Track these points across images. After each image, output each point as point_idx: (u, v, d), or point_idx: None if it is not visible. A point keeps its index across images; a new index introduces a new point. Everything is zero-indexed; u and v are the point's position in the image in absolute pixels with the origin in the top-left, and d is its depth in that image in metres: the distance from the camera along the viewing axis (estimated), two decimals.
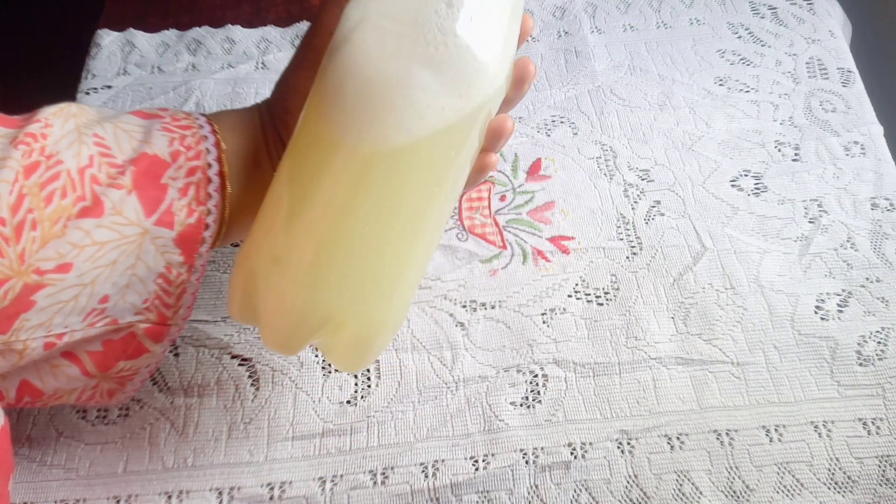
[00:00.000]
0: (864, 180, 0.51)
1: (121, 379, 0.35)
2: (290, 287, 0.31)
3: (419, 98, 0.28)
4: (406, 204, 0.31)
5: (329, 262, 0.30)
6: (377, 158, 0.29)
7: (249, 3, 0.65)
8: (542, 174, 0.52)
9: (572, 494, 0.39)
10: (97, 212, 0.29)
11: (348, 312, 0.31)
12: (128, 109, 0.55)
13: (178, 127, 0.33)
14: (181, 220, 0.31)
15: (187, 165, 0.32)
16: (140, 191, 0.30)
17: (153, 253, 0.31)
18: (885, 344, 0.44)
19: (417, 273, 0.34)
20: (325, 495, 0.40)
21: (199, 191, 0.32)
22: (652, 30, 0.61)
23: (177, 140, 0.32)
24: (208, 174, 0.32)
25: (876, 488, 0.39)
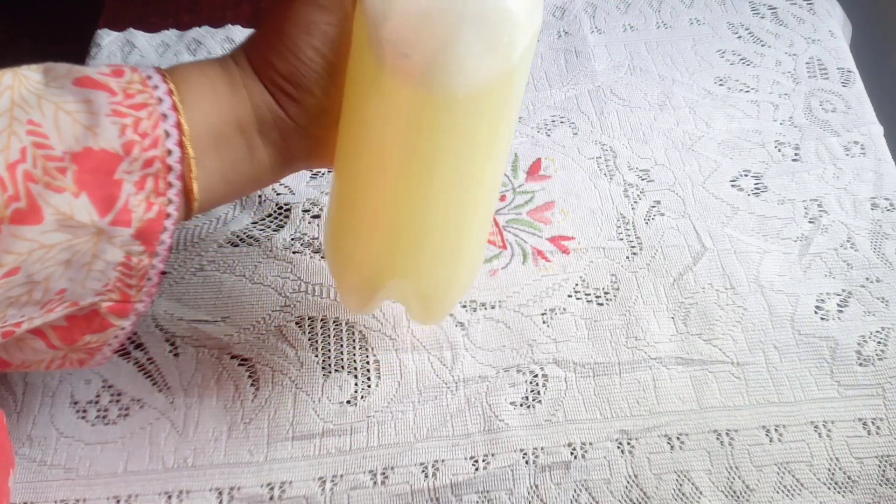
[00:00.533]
0: (864, 180, 0.51)
1: (89, 350, 0.33)
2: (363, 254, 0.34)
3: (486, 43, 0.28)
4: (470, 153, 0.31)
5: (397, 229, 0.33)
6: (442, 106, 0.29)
7: (249, 3, 0.65)
8: (542, 174, 0.52)
9: (572, 494, 0.39)
10: (35, 218, 0.26)
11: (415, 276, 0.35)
12: None
13: (132, 107, 0.28)
14: (139, 216, 0.28)
15: (143, 157, 0.28)
16: (90, 190, 0.27)
17: (111, 249, 0.28)
18: (885, 344, 0.44)
19: (483, 230, 0.36)
20: (325, 495, 0.40)
21: (157, 182, 0.28)
22: (652, 30, 0.61)
23: (129, 128, 0.28)
24: (167, 162, 0.28)
25: (876, 488, 0.39)
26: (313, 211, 0.50)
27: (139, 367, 0.44)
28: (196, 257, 0.48)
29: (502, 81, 0.30)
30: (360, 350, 0.44)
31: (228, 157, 0.31)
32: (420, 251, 0.34)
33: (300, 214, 0.50)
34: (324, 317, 0.46)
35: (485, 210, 0.35)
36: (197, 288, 0.47)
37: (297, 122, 0.32)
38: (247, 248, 0.48)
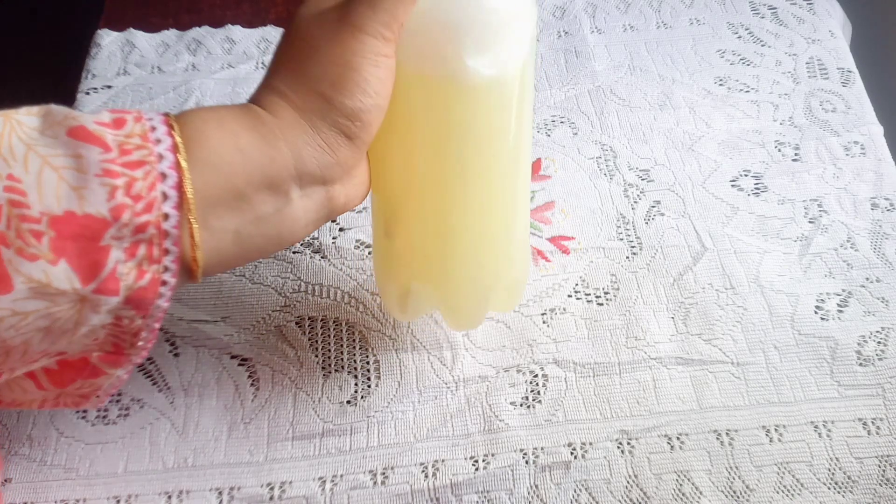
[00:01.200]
0: (864, 180, 0.51)
1: (82, 395, 0.31)
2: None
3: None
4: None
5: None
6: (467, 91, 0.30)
7: (249, 3, 0.65)
8: (542, 174, 0.52)
9: (572, 494, 0.39)
10: (5, 287, 0.23)
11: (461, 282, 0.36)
12: (128, 108, 0.55)
13: (126, 165, 0.25)
14: (129, 285, 0.25)
15: (135, 222, 0.25)
16: (70, 257, 0.24)
17: (96, 317, 0.26)
18: (885, 344, 0.44)
19: (525, 222, 0.37)
20: (325, 495, 0.40)
21: (150, 249, 0.25)
22: (652, 30, 0.61)
23: (120, 190, 0.24)
24: (163, 227, 0.25)
25: (876, 488, 0.39)
26: None
27: (139, 367, 0.44)
28: None
29: (521, 70, 0.31)
30: (360, 350, 0.44)
31: (248, 217, 0.28)
32: (443, 255, 0.34)
33: None
34: (324, 317, 0.46)
35: (509, 215, 0.35)
36: (197, 288, 0.47)
37: (345, 166, 0.29)
38: None
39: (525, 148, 0.34)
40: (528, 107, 0.33)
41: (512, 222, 0.36)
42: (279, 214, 0.29)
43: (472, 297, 0.37)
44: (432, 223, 0.34)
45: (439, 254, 0.35)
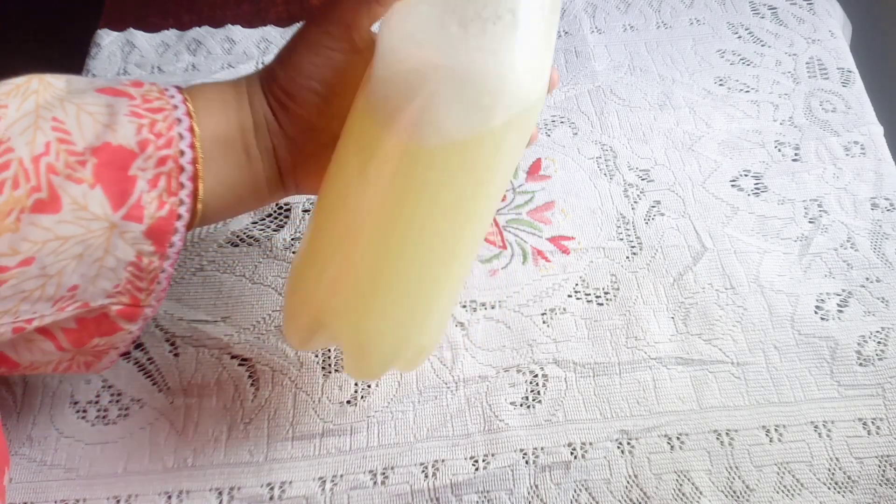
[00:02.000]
0: (864, 180, 0.51)
1: (97, 353, 0.34)
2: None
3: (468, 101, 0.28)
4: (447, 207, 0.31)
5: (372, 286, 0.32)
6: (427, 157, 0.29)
7: (249, 3, 0.65)
8: (542, 174, 0.52)
9: (572, 494, 0.39)
10: (54, 207, 0.27)
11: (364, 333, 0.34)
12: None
13: (149, 110, 0.30)
14: (151, 213, 0.29)
15: (157, 155, 0.29)
16: (105, 184, 0.28)
17: (122, 246, 0.29)
18: (885, 344, 0.44)
19: (453, 294, 0.36)
20: (325, 495, 0.40)
21: (170, 181, 0.30)
22: (652, 30, 0.61)
23: (146, 127, 0.29)
24: (180, 162, 0.30)
25: (876, 488, 0.39)
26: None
27: (139, 367, 0.44)
28: (196, 257, 0.48)
29: (480, 144, 0.29)
30: None
31: (230, 161, 0.32)
32: (366, 303, 0.32)
33: (300, 214, 0.50)
34: None
35: (441, 283, 0.34)
36: (197, 288, 0.47)
37: (286, 132, 0.34)
38: (247, 248, 0.48)
39: (478, 218, 0.33)
40: (486, 188, 0.31)
41: (441, 291, 0.34)
42: (249, 165, 0.33)
43: (380, 352, 0.34)
44: (365, 268, 0.32)
45: (363, 301, 0.32)
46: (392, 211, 0.30)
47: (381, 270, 0.32)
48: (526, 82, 0.29)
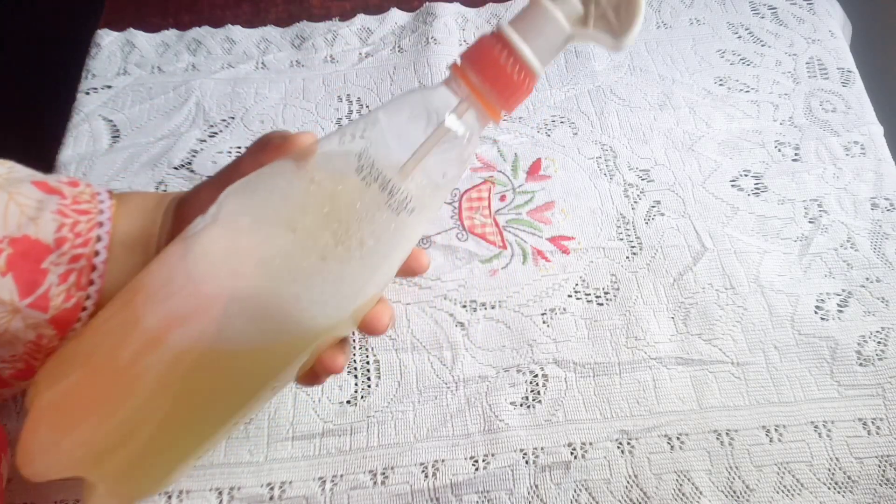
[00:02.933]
0: (864, 180, 0.51)
1: None
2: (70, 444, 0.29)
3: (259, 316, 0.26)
4: (213, 402, 0.28)
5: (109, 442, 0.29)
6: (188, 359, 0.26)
7: (249, 3, 0.65)
8: (542, 174, 0.52)
9: (572, 494, 0.39)
10: None
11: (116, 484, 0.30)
12: (126, 109, 0.55)
13: (76, 211, 0.32)
14: (57, 305, 0.31)
15: (71, 252, 0.31)
16: (17, 273, 0.30)
17: (24, 328, 0.30)
18: (885, 344, 0.44)
19: (194, 460, 0.32)
20: (325, 495, 0.40)
21: (80, 277, 0.32)
22: (652, 30, 0.61)
23: (67, 227, 0.31)
24: (94, 262, 0.32)
25: (876, 488, 0.39)
26: None
27: None
28: None
29: (258, 354, 0.27)
30: (360, 350, 0.44)
31: (129, 263, 0.33)
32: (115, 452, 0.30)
33: None
34: None
35: (194, 451, 0.31)
36: None
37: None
38: None
39: (244, 409, 0.30)
40: (266, 383, 0.29)
41: (190, 458, 0.31)
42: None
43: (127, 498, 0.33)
44: (123, 430, 0.29)
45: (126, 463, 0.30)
46: (155, 397, 0.28)
47: (139, 437, 0.29)
48: (320, 314, 0.27)
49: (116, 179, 0.52)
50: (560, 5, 0.26)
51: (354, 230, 0.26)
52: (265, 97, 0.57)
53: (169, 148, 0.53)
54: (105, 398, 0.29)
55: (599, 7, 0.27)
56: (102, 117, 0.55)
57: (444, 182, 0.28)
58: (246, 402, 0.30)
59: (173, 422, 0.29)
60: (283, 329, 0.27)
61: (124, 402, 0.28)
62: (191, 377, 0.27)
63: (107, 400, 0.29)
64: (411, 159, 0.26)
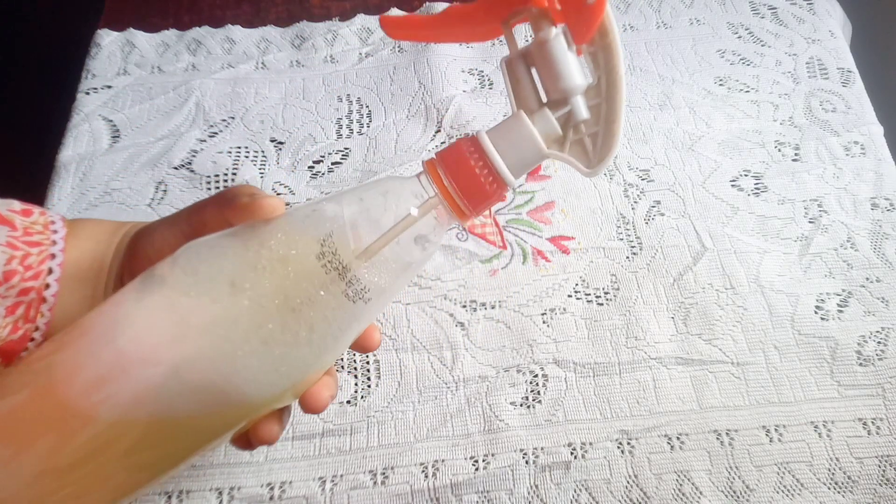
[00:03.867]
0: (864, 180, 0.51)
1: None
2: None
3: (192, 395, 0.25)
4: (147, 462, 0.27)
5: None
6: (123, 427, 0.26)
7: (249, 3, 0.65)
8: (542, 174, 0.52)
9: (572, 494, 0.39)
10: None
11: None
12: (126, 109, 0.55)
13: (27, 243, 0.31)
14: (2, 337, 0.30)
15: (21, 286, 0.31)
16: None
17: None
18: (885, 344, 0.44)
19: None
20: (325, 495, 0.40)
21: (28, 310, 0.31)
22: (652, 30, 0.61)
23: (17, 259, 0.31)
24: (43, 294, 0.31)
25: (876, 488, 0.39)
26: None
27: None
28: None
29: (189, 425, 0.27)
30: None
31: (77, 296, 0.33)
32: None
33: None
34: None
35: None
36: None
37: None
38: None
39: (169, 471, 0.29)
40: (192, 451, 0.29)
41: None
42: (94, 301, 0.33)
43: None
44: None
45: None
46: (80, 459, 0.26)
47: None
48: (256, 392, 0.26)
49: (116, 179, 0.52)
50: (540, 124, 0.27)
51: (306, 315, 0.25)
52: (265, 97, 0.57)
53: (169, 148, 0.53)
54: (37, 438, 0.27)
55: (578, 133, 0.28)
56: (102, 117, 0.55)
57: (404, 272, 0.27)
58: (174, 467, 0.28)
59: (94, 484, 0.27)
60: (217, 401, 0.26)
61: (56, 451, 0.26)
62: (118, 443, 0.26)
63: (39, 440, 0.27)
64: (374, 244, 0.26)
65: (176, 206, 0.50)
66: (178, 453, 0.28)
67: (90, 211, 0.50)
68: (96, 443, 0.26)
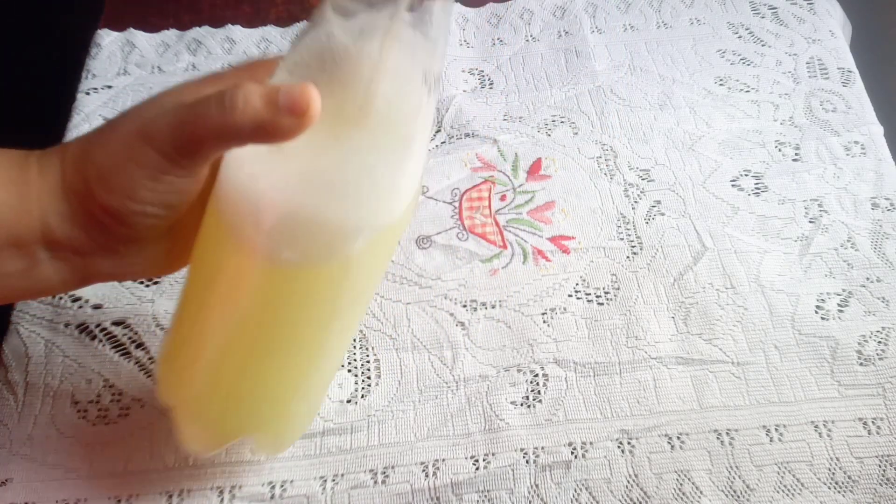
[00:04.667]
0: (864, 180, 0.51)
1: None
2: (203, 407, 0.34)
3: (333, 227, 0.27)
4: (308, 323, 0.30)
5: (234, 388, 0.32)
6: (281, 276, 0.28)
7: (249, 3, 0.65)
8: (542, 174, 0.52)
9: (573, 494, 0.39)
10: None
11: (258, 429, 0.35)
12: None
13: None
14: None
15: None
16: None
17: None
18: (885, 344, 0.44)
19: (322, 385, 0.37)
20: (325, 494, 0.40)
21: None
22: (652, 30, 0.61)
23: None
24: None
25: (876, 488, 0.39)
26: None
27: (140, 366, 0.44)
28: None
29: (338, 267, 0.29)
30: (360, 349, 0.44)
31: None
32: (257, 409, 0.34)
33: None
34: None
35: (322, 373, 0.35)
36: None
37: (104, 247, 0.28)
38: None
39: (343, 326, 0.33)
40: (357, 293, 0.32)
41: (306, 390, 0.35)
42: (28, 272, 0.28)
43: (274, 441, 0.37)
44: (241, 375, 0.32)
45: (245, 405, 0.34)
46: (253, 327, 0.30)
47: (262, 383, 0.32)
48: (383, 209, 0.28)
49: None
50: None
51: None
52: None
53: None
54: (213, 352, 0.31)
55: None
56: (103, 117, 0.55)
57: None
58: (345, 315, 0.32)
59: (274, 354, 0.31)
60: (354, 234, 0.27)
61: (226, 348, 0.31)
62: (279, 300, 0.29)
63: (215, 355, 0.31)
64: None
65: None
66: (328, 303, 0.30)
67: None
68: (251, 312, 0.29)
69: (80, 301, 0.46)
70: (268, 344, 0.31)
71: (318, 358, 0.33)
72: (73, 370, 0.43)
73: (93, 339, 0.45)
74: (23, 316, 0.45)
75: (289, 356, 0.32)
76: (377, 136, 0.27)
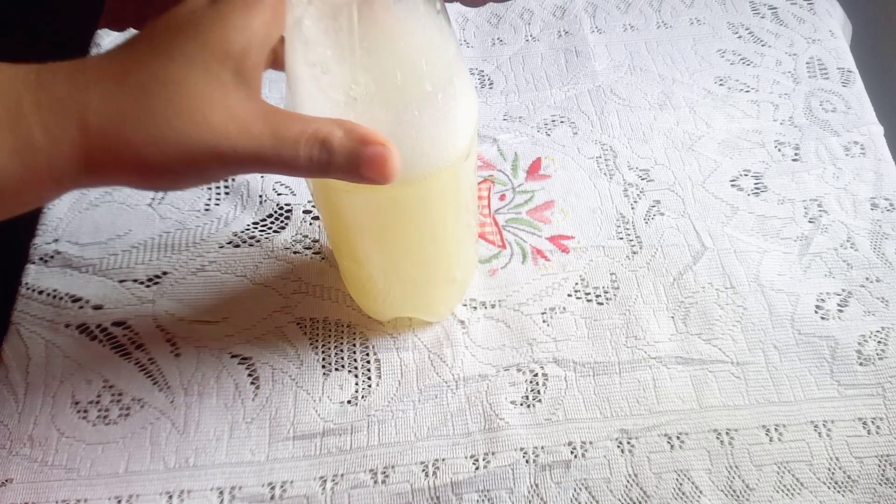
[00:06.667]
0: (864, 180, 0.51)
1: None
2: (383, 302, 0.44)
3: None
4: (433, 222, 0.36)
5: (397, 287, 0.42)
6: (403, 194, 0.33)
7: None
8: (541, 173, 0.52)
9: (572, 493, 0.39)
10: None
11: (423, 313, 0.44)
12: None
13: None
14: None
15: None
16: None
17: None
18: (885, 343, 0.44)
19: (469, 252, 0.44)
20: (325, 494, 0.40)
21: None
22: (652, 29, 0.61)
23: None
24: None
25: (876, 488, 0.39)
26: (314, 212, 0.50)
27: (140, 367, 0.44)
28: (197, 258, 0.48)
29: (446, 174, 0.33)
30: (360, 349, 0.44)
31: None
32: (413, 295, 0.43)
33: (301, 216, 0.50)
34: (325, 317, 0.46)
35: (460, 245, 0.41)
36: (198, 288, 0.47)
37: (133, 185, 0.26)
38: (248, 249, 0.48)
39: (462, 214, 0.38)
40: (463, 193, 0.37)
41: (458, 259, 0.42)
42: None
43: (438, 308, 0.45)
44: (391, 275, 0.41)
45: (401, 295, 0.43)
46: (401, 234, 0.36)
47: (412, 275, 0.41)
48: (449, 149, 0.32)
49: None
50: None
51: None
52: (266, 96, 0.57)
53: None
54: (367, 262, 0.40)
55: None
56: None
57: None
58: (462, 205, 0.37)
59: (418, 247, 0.38)
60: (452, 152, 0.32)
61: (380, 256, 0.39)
62: (403, 210, 0.34)
63: (361, 265, 0.40)
64: None
65: (176, 206, 0.50)
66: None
67: (91, 210, 0.50)
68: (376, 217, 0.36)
69: (80, 301, 0.46)
70: (413, 243, 0.38)
71: (444, 249, 0.40)
72: (73, 370, 0.43)
73: (93, 340, 0.45)
74: (23, 316, 0.45)
75: (424, 250, 0.39)
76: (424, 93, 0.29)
